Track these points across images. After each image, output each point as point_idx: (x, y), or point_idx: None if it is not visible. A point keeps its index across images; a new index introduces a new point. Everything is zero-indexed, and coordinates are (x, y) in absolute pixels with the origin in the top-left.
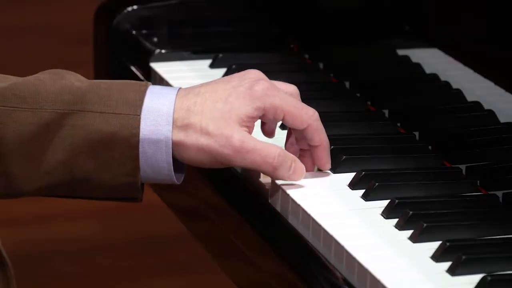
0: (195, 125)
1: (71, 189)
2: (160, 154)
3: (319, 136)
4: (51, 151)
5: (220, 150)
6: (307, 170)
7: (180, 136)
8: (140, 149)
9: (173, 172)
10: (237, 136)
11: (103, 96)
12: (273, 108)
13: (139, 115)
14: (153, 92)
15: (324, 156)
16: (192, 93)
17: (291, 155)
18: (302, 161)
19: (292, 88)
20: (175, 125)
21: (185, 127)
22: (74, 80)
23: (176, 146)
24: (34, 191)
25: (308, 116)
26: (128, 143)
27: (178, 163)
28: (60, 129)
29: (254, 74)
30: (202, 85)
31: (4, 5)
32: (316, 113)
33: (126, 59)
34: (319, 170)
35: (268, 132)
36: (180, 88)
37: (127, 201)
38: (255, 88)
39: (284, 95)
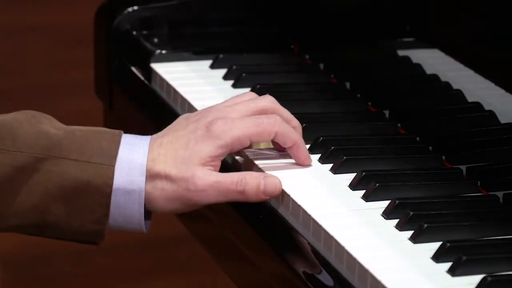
0: (159, 173)
1: (39, 230)
2: (132, 204)
3: (289, 137)
4: (24, 194)
5: (185, 193)
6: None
7: (149, 187)
8: (113, 198)
9: (143, 222)
10: (198, 174)
11: (78, 144)
12: (236, 139)
13: (113, 165)
14: (126, 143)
15: (300, 153)
16: (156, 145)
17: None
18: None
19: (267, 101)
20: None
21: (153, 177)
22: (50, 126)
23: (147, 197)
24: (2, 229)
25: (271, 126)
26: (101, 191)
27: (147, 212)
28: (35, 173)
29: (210, 116)
30: (164, 133)
31: (4, 5)
32: (278, 117)
33: (126, 60)
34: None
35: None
36: (151, 138)
37: (86, 244)
38: (212, 128)
39: (239, 121)
